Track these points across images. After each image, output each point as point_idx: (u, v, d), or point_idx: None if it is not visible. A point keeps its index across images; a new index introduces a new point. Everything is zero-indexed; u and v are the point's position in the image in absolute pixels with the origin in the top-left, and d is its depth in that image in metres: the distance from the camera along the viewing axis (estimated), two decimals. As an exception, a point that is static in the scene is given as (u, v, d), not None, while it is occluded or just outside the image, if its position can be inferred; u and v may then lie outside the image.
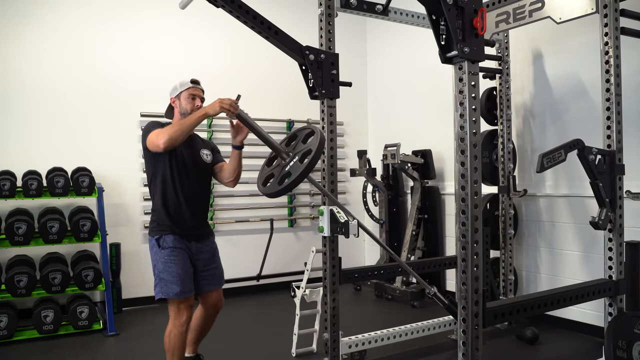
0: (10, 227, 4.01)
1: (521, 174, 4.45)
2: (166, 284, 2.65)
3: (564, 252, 4.11)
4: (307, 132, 2.66)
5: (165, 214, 2.71)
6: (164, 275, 2.65)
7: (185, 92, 2.78)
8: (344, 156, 6.15)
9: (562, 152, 2.67)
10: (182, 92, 2.79)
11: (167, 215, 2.70)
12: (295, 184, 2.47)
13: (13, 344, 3.90)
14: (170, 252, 2.66)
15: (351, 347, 3.29)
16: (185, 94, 2.78)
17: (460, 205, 2.03)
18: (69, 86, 4.80)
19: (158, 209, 2.72)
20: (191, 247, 2.76)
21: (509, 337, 3.92)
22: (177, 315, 2.67)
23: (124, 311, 4.81)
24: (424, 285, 2.62)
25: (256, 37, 2.97)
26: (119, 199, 4.97)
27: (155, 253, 2.70)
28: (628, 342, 2.68)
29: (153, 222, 2.75)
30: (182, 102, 2.78)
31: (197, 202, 2.80)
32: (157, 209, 2.73)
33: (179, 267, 2.66)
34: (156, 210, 2.74)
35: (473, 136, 2.01)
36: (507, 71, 4.26)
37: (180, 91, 2.79)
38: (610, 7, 2.77)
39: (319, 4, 3.11)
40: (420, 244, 5.20)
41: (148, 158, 2.74)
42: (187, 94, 2.78)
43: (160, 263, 2.67)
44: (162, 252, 2.67)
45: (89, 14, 4.89)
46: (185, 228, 2.74)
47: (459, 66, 2.03)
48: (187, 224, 2.74)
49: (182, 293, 2.65)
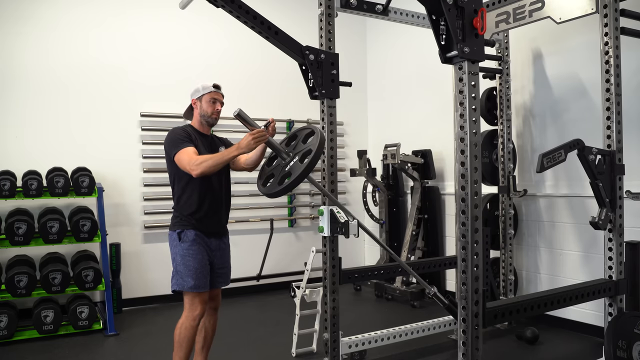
0: (10, 227, 4.01)
1: (521, 174, 4.45)
2: (182, 276, 2.72)
3: (564, 252, 4.11)
4: (307, 132, 2.66)
5: (188, 211, 2.77)
6: (181, 268, 2.72)
7: (207, 95, 2.85)
8: (344, 156, 6.15)
9: (562, 152, 2.67)
10: (204, 95, 2.85)
11: (190, 213, 2.77)
12: (295, 184, 2.47)
13: (13, 344, 3.90)
14: (189, 246, 2.73)
15: (351, 347, 3.29)
16: (207, 97, 2.85)
17: (460, 205, 2.03)
18: (69, 86, 4.80)
19: (182, 206, 2.79)
20: (210, 243, 2.83)
21: (509, 337, 3.92)
22: (191, 308, 2.73)
23: (124, 311, 4.81)
24: (424, 285, 2.62)
25: (257, 37, 2.97)
26: (119, 199, 4.97)
27: (175, 246, 2.76)
28: (628, 342, 2.68)
29: (175, 218, 2.81)
30: (204, 104, 2.85)
31: (219, 200, 2.86)
32: (180, 206, 2.80)
33: (197, 261, 2.73)
34: (179, 208, 2.80)
35: (473, 136, 2.01)
36: (507, 71, 4.26)
37: (203, 94, 2.85)
38: (610, 7, 2.77)
39: (319, 4, 3.11)
40: (420, 244, 5.20)
41: (170, 161, 2.78)
42: (209, 98, 2.85)
43: (178, 256, 2.74)
44: (181, 245, 2.74)
45: (88, 14, 4.89)
46: (207, 225, 2.81)
47: (459, 66, 2.03)
48: (209, 222, 2.82)
49: (197, 287, 2.71)
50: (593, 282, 2.86)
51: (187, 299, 2.76)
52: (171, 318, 4.61)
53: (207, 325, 2.98)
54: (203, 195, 2.78)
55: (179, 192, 2.81)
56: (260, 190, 2.70)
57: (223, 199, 2.89)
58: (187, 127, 2.87)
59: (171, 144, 2.73)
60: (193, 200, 2.77)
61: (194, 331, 2.75)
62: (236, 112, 2.64)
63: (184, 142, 2.71)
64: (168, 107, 5.13)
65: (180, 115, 5.54)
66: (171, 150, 2.72)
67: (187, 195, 2.78)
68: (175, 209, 2.84)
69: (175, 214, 2.84)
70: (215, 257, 2.86)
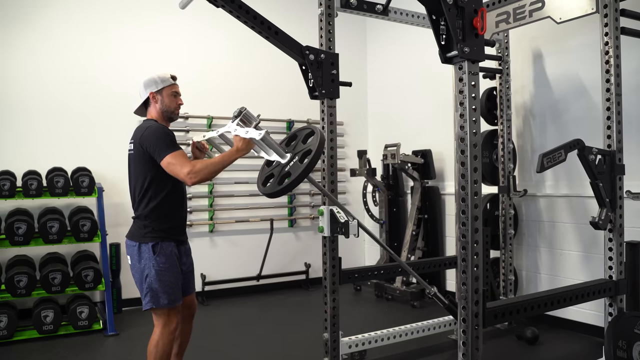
0: (10, 227, 4.01)
1: (521, 174, 4.45)
2: (157, 293, 2.50)
3: (564, 252, 4.11)
4: (307, 132, 2.66)
5: (163, 219, 2.56)
6: (156, 285, 2.50)
7: (168, 88, 2.67)
8: (344, 156, 6.15)
9: (562, 152, 2.67)
10: (165, 87, 2.66)
11: (166, 220, 2.57)
12: (295, 184, 2.47)
13: (13, 344, 3.90)
14: (166, 260, 2.53)
15: (351, 347, 3.29)
16: (168, 90, 2.67)
17: (461, 205, 2.03)
18: (69, 86, 4.80)
19: (155, 214, 2.55)
20: (180, 250, 2.66)
21: (509, 337, 3.92)
22: (166, 324, 2.55)
23: (124, 311, 4.81)
24: (424, 285, 2.62)
25: (256, 38, 2.97)
26: (119, 199, 4.96)
27: (148, 260, 2.51)
28: (628, 342, 2.68)
29: (146, 228, 2.54)
30: (165, 99, 2.66)
31: (185, 205, 2.78)
32: (153, 214, 2.55)
33: (172, 275, 2.54)
34: (152, 216, 2.54)
35: (473, 136, 2.01)
36: (507, 71, 4.26)
37: (163, 87, 2.66)
38: (610, 7, 2.77)
39: (319, 4, 3.11)
40: (420, 244, 5.20)
41: (147, 161, 2.52)
42: (170, 91, 2.68)
43: (153, 271, 2.50)
44: (157, 259, 2.51)
45: (88, 14, 4.89)
46: (179, 233, 2.66)
47: (459, 66, 2.03)
48: (180, 229, 2.68)
49: (173, 301, 2.54)
50: (593, 282, 2.86)
51: (162, 315, 2.54)
52: (171, 318, 4.62)
53: (182, 335, 2.80)
54: (177, 202, 2.62)
55: (153, 197, 2.54)
56: (260, 190, 2.66)
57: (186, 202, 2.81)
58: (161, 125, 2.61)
59: (159, 144, 2.46)
60: (168, 208, 2.57)
61: (171, 346, 2.58)
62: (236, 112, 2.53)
63: (174, 145, 2.49)
64: (168, 107, 5.14)
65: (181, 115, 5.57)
66: (158, 151, 2.45)
67: (161, 201, 2.55)
68: (146, 217, 2.54)
69: (144, 222, 2.54)
70: (183, 263, 2.69)
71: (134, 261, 2.56)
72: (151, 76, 2.69)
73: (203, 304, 4.98)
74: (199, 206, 5.32)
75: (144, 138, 2.51)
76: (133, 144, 2.59)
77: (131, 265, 2.59)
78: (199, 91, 5.31)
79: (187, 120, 5.25)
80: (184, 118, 5.23)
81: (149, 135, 2.51)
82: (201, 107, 5.29)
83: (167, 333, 2.55)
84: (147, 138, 2.50)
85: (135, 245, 2.54)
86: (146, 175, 2.54)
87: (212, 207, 5.36)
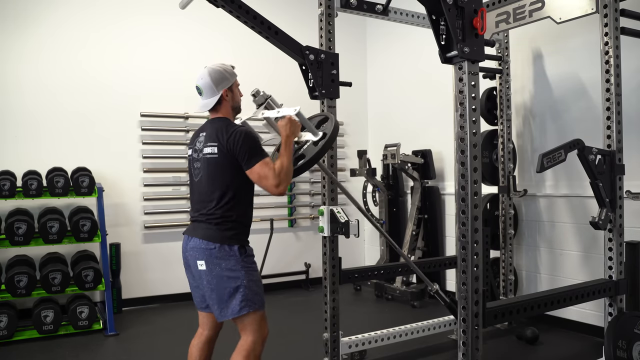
0: (10, 227, 4.01)
1: (521, 174, 4.45)
2: (255, 294, 2.32)
3: (564, 252, 4.11)
4: (321, 119, 2.62)
5: (247, 221, 2.43)
6: (253, 285, 2.31)
7: (235, 81, 2.46)
8: (344, 156, 6.15)
9: (562, 152, 2.67)
10: (234, 81, 2.45)
11: (249, 222, 2.45)
12: (309, 164, 2.40)
13: (13, 344, 3.90)
14: (252, 261, 2.38)
15: (351, 347, 3.29)
16: (235, 83, 2.46)
17: (460, 205, 2.03)
18: (69, 86, 4.80)
19: (241, 219, 2.38)
20: None
21: (509, 337, 3.92)
22: (259, 329, 2.34)
23: (124, 311, 4.81)
24: (427, 282, 2.54)
25: (257, 38, 2.97)
26: (119, 199, 4.97)
27: (236, 262, 2.30)
28: (628, 342, 2.68)
29: (231, 230, 2.33)
30: (236, 94, 2.47)
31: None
32: (239, 219, 2.37)
33: (259, 277, 2.41)
34: (238, 221, 2.37)
35: (473, 136, 2.01)
36: (507, 71, 4.26)
37: (233, 81, 2.44)
38: (610, 7, 2.77)
39: (319, 4, 3.11)
40: (420, 244, 5.20)
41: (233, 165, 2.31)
42: (237, 84, 2.48)
43: (243, 272, 2.30)
44: (245, 260, 2.33)
45: (88, 14, 4.89)
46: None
47: (459, 66, 2.03)
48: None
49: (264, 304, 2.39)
50: (593, 282, 2.86)
51: (255, 320, 2.32)
52: (171, 318, 4.63)
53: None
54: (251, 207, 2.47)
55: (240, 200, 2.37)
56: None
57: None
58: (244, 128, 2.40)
59: (253, 149, 2.28)
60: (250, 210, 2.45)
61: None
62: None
63: (263, 152, 2.31)
64: (168, 107, 5.15)
65: (181, 115, 5.57)
66: (248, 158, 2.27)
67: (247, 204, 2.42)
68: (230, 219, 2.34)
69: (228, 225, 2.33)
70: None
71: (211, 265, 2.29)
72: (217, 69, 2.41)
73: (203, 304, 4.99)
74: (199, 206, 5.31)
75: (233, 142, 2.28)
76: (215, 146, 2.32)
77: (205, 271, 2.31)
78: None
79: (187, 120, 5.25)
80: (184, 118, 5.23)
81: (238, 139, 2.28)
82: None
83: (261, 341, 2.34)
84: (236, 142, 2.28)
85: (214, 248, 2.29)
86: (233, 178, 2.33)
87: (212, 207, 5.35)
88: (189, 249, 2.37)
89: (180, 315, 4.67)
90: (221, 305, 2.31)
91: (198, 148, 2.41)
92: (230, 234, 2.33)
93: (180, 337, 4.07)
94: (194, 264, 2.35)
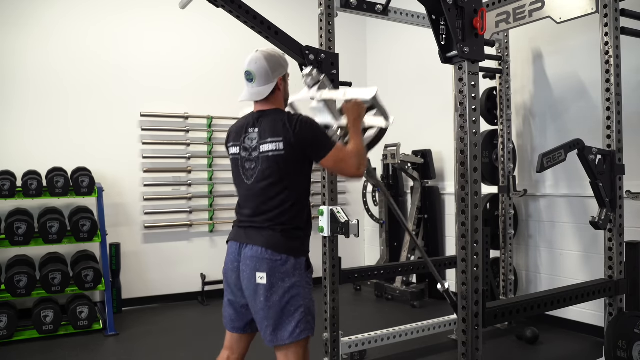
0: (10, 227, 4.01)
1: (521, 174, 4.45)
2: (313, 318, 2.05)
3: (564, 252, 4.11)
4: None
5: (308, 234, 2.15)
6: (312, 307, 2.05)
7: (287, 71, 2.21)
8: (344, 156, 6.14)
9: (562, 152, 2.67)
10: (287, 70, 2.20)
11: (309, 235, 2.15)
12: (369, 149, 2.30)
13: (13, 344, 3.90)
14: (311, 280, 2.09)
15: (351, 347, 3.29)
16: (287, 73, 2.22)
17: (460, 205, 2.03)
18: (69, 86, 4.80)
19: (306, 226, 2.12)
20: None
21: (509, 337, 3.92)
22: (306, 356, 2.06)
23: (124, 311, 4.81)
24: (438, 278, 2.41)
25: (257, 37, 2.97)
26: (119, 199, 4.97)
27: (300, 278, 2.01)
28: (628, 342, 2.68)
29: (299, 240, 2.06)
30: (287, 85, 2.22)
31: None
32: (306, 226, 2.12)
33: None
34: (304, 228, 2.11)
35: (473, 136, 2.01)
36: (507, 71, 4.26)
37: (287, 70, 2.19)
38: (610, 7, 2.77)
39: (319, 4, 3.11)
40: (420, 244, 5.20)
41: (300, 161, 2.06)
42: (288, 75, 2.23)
43: (307, 290, 2.04)
44: (309, 276, 2.07)
45: (88, 13, 4.89)
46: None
47: (459, 66, 2.03)
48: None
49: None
50: (593, 282, 2.86)
51: (303, 346, 2.03)
52: (171, 318, 4.63)
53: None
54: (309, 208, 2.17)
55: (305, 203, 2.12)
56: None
57: None
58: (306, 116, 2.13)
59: (324, 136, 2.06)
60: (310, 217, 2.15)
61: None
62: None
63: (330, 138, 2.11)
64: (168, 107, 5.15)
65: (181, 115, 5.56)
66: (320, 147, 2.03)
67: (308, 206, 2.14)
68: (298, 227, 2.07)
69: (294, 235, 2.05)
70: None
71: (274, 279, 1.97)
72: (273, 53, 2.16)
73: (203, 304, 4.97)
74: (199, 206, 5.31)
75: (300, 135, 2.00)
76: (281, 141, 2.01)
77: (264, 286, 1.98)
78: (199, 91, 5.32)
79: (187, 120, 5.25)
80: (184, 118, 5.23)
81: (308, 129, 2.03)
82: (201, 107, 5.30)
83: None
84: (307, 132, 2.02)
85: (279, 259, 1.98)
86: (299, 178, 2.09)
87: (212, 207, 5.35)
88: (247, 257, 2.02)
89: (180, 315, 4.66)
90: (277, 328, 1.99)
91: (250, 146, 2.09)
92: (297, 245, 2.05)
93: (180, 337, 4.08)
94: (250, 275, 2.00)
